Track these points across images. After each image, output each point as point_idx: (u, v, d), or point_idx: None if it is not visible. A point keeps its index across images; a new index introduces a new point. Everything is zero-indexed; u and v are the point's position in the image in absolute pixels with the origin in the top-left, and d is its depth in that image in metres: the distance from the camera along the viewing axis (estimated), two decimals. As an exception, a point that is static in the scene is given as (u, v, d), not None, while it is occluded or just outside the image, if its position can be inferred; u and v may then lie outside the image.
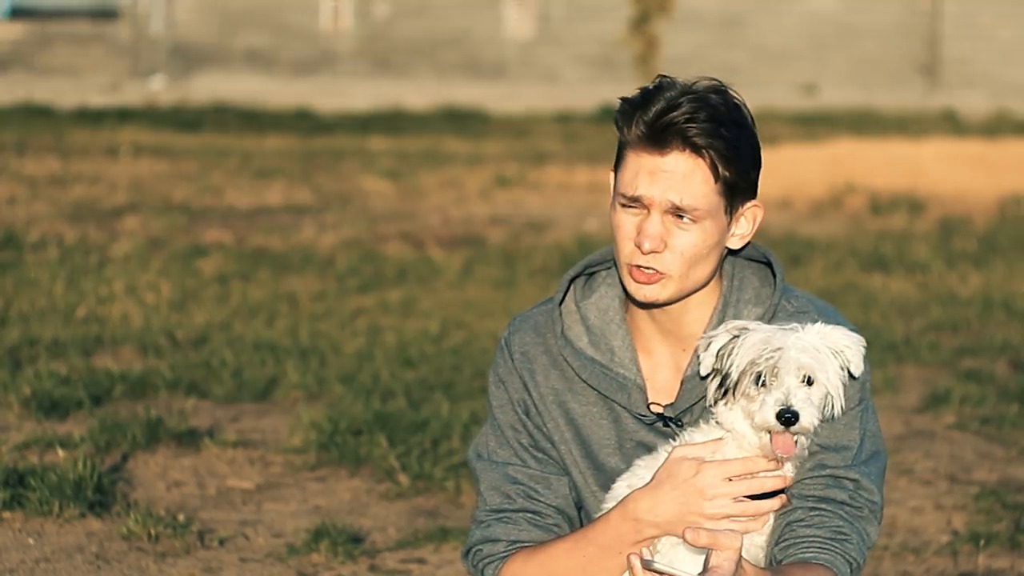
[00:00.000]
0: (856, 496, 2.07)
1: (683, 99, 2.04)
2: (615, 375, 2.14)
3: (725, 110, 2.06)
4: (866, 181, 12.31)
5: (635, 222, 2.08)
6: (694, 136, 2.03)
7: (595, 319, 2.17)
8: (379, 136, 17.49)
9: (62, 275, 7.46)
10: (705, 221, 2.07)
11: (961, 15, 28.30)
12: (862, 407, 2.11)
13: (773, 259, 2.18)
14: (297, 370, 5.43)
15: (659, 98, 2.05)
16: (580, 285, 2.21)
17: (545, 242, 9.38)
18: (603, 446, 2.16)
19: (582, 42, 28.12)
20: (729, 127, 2.05)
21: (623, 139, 2.08)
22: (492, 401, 2.21)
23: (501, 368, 2.20)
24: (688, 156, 2.04)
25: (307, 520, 3.92)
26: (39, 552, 3.66)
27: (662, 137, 2.04)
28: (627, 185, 2.07)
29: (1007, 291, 7.63)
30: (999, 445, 4.84)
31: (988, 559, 3.75)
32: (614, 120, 2.11)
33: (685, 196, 2.05)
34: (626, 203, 2.08)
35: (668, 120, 2.03)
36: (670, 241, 2.07)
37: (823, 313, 2.14)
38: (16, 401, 4.90)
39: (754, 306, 2.15)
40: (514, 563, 2.14)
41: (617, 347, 2.15)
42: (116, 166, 13.27)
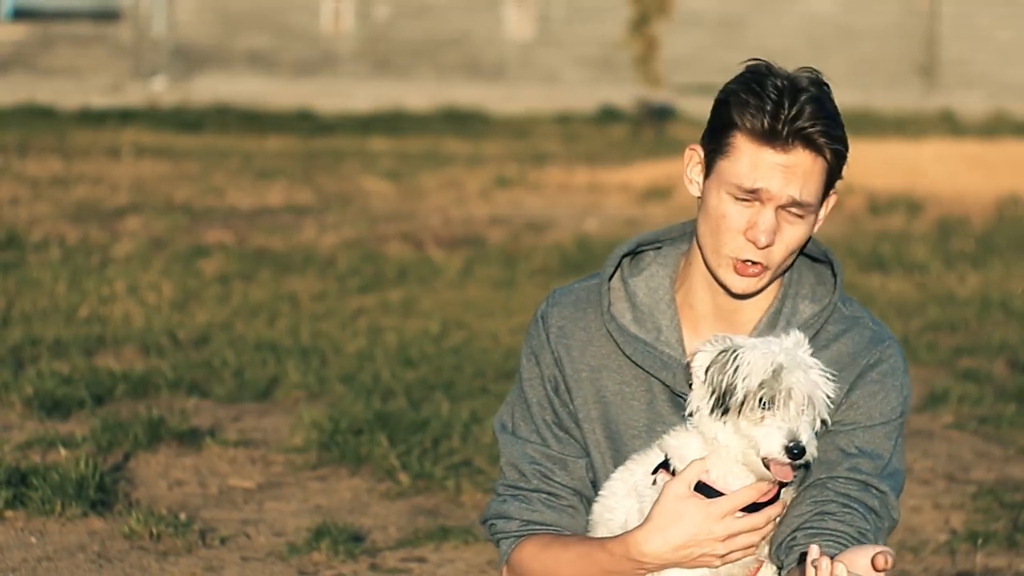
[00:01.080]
0: (883, 507, 2.09)
1: (802, 97, 2.04)
2: (660, 353, 2.14)
3: (833, 107, 2.08)
4: (864, 181, 12.32)
5: (746, 214, 2.07)
6: (819, 138, 2.05)
7: (644, 297, 2.17)
8: (380, 137, 17.51)
9: (64, 275, 7.48)
10: (813, 215, 2.10)
11: (959, 16, 28.31)
12: (899, 421, 2.14)
13: (833, 258, 2.19)
14: (298, 370, 5.45)
15: (772, 89, 2.05)
16: (627, 263, 2.21)
17: (545, 242, 9.40)
18: (630, 427, 2.16)
19: (582, 43, 28.13)
20: (839, 123, 2.09)
21: (739, 126, 2.06)
22: (523, 374, 2.21)
23: (535, 341, 2.19)
24: (810, 154, 2.06)
25: (308, 519, 3.93)
26: (41, 551, 3.67)
27: (787, 135, 2.05)
28: (744, 177, 2.06)
29: (1005, 291, 7.64)
30: (997, 444, 4.86)
31: (986, 558, 3.77)
32: (723, 103, 2.08)
33: (804, 192, 2.06)
34: (740, 195, 2.07)
35: (795, 121, 2.04)
36: (779, 235, 2.07)
37: (875, 321, 2.17)
38: (18, 400, 4.92)
39: (810, 302, 2.16)
40: (525, 548, 2.15)
41: (664, 326, 2.15)
42: (118, 167, 13.29)
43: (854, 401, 2.13)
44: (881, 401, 2.13)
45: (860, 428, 2.12)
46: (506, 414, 2.22)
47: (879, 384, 2.14)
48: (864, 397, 2.14)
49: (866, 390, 2.14)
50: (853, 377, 2.14)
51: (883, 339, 2.17)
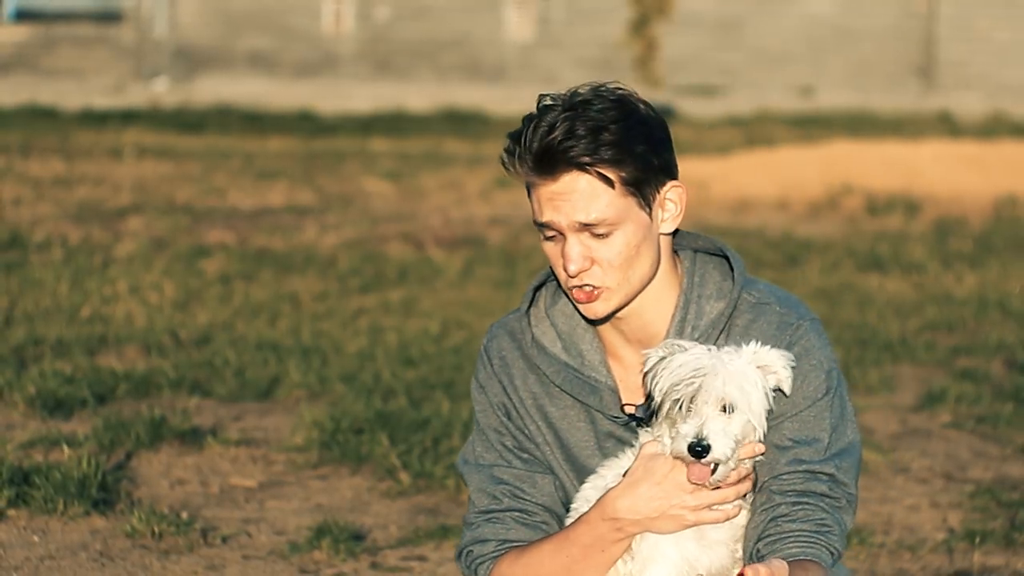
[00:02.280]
0: (834, 488, 2.08)
1: (559, 119, 2.03)
2: (586, 378, 2.15)
3: (605, 114, 2.04)
4: (862, 182, 12.33)
5: (558, 248, 2.09)
6: (576, 155, 2.02)
7: (563, 325, 2.19)
8: (380, 138, 17.52)
9: (66, 275, 7.49)
10: (621, 225, 2.06)
11: (957, 17, 28.31)
12: (829, 398, 2.10)
13: (729, 252, 2.17)
14: (299, 369, 5.46)
15: (539, 126, 2.04)
16: (551, 291, 2.22)
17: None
18: (582, 448, 2.18)
19: (582, 44, 28.14)
20: (611, 129, 2.03)
21: (519, 175, 2.08)
22: (476, 406, 2.23)
23: (481, 374, 2.22)
24: (577, 174, 2.04)
25: (309, 518, 3.94)
26: (44, 549, 3.68)
27: (547, 164, 2.04)
28: (537, 213, 2.09)
29: (1002, 291, 7.64)
30: (994, 444, 4.86)
31: (983, 557, 3.77)
32: (500, 160, 2.10)
33: (590, 212, 2.04)
34: (544, 231, 2.09)
35: (546, 145, 2.03)
36: (595, 255, 2.07)
37: (783, 303, 2.14)
38: (21, 400, 4.92)
39: (716, 300, 2.14)
40: (502, 564, 2.16)
41: (586, 350, 2.17)
42: (120, 167, 13.30)
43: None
44: (801, 385, 2.09)
45: (787, 419, 2.09)
46: (467, 451, 2.24)
47: (796, 370, 2.09)
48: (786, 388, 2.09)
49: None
50: None
51: (790, 322, 2.13)
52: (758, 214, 10.99)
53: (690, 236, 2.18)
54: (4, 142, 15.10)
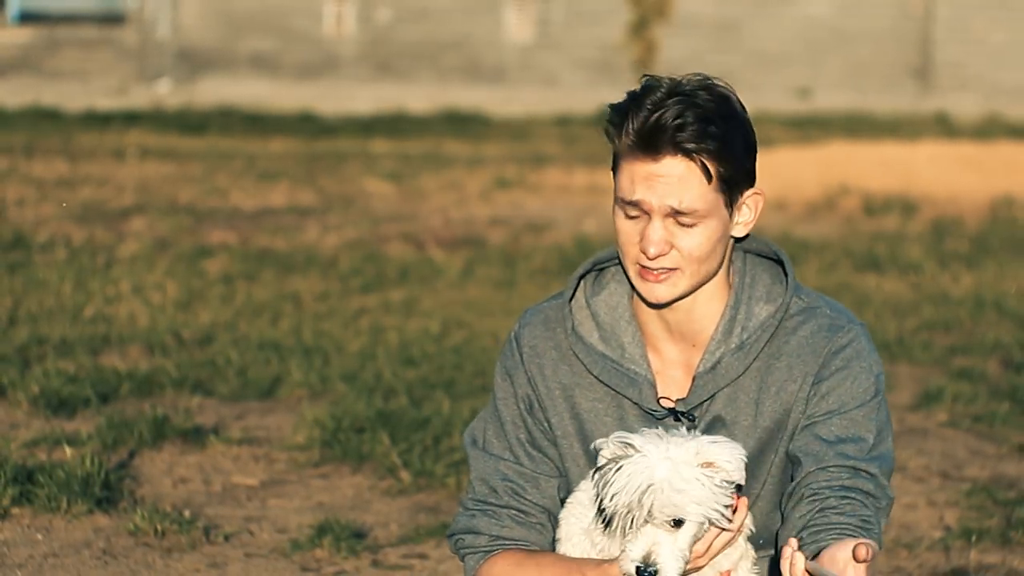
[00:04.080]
0: (877, 489, 2.09)
1: (669, 102, 2.04)
2: (625, 370, 2.14)
3: (713, 106, 2.05)
4: (860, 183, 12.34)
5: (637, 227, 2.08)
6: (684, 141, 2.03)
7: (605, 315, 2.17)
8: (381, 139, 17.54)
9: (70, 275, 7.51)
10: (707, 219, 2.07)
11: (953, 19, 28.32)
12: (876, 401, 2.12)
13: (784, 257, 2.18)
14: (301, 369, 5.48)
15: (645, 103, 2.05)
16: (590, 281, 2.20)
17: (544, 243, 9.44)
18: None
19: (581, 46, 28.14)
20: (718, 123, 2.05)
21: (617, 147, 2.08)
22: (497, 392, 2.21)
23: (509, 361, 2.20)
24: (680, 160, 2.04)
25: (311, 516, 3.95)
26: (47, 548, 3.70)
27: (652, 143, 2.04)
28: (625, 190, 2.07)
29: (998, 291, 7.66)
30: (990, 442, 4.88)
31: (980, 555, 3.79)
32: (604, 130, 2.09)
33: (684, 200, 2.04)
34: (627, 209, 2.08)
35: (657, 127, 2.03)
36: (675, 243, 2.07)
37: (832, 307, 2.16)
38: (25, 399, 4.94)
39: (765, 303, 2.14)
40: (496, 566, 2.15)
41: (627, 343, 2.15)
42: (123, 168, 13.32)
43: (824, 392, 2.13)
44: (851, 386, 2.12)
45: (836, 416, 2.11)
46: (478, 430, 2.23)
47: (846, 370, 2.12)
48: (833, 386, 2.13)
49: (834, 379, 2.13)
50: (817, 367, 2.13)
51: (841, 325, 2.15)
52: (757, 215, 10.98)
53: (744, 237, 2.18)
54: (8, 143, 15.12)
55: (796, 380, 2.13)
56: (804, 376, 2.14)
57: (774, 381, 2.14)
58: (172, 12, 28.22)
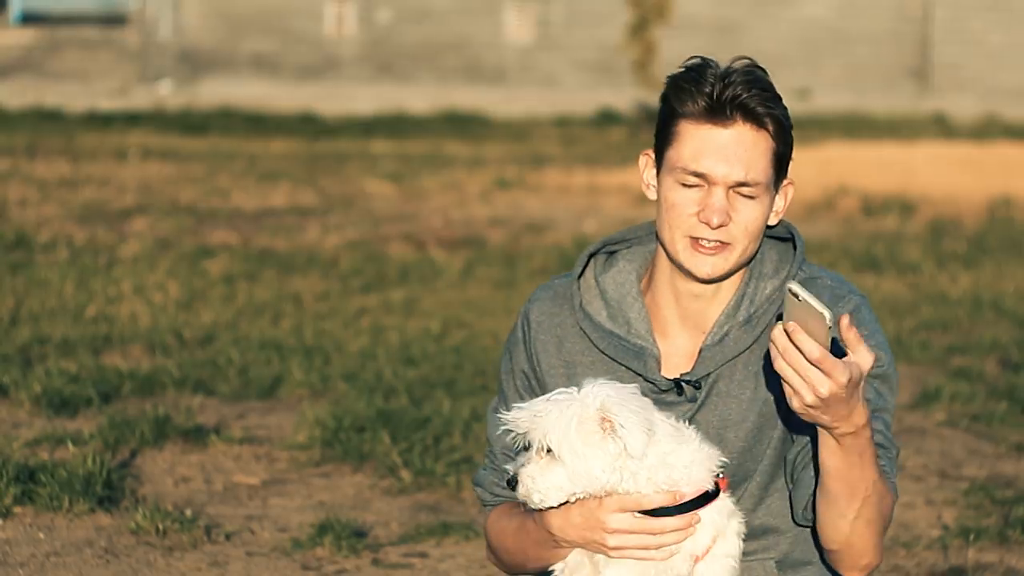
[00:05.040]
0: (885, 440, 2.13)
1: (734, 74, 2.07)
2: (631, 345, 2.17)
3: (769, 84, 2.10)
4: (858, 183, 12.37)
5: (696, 197, 2.08)
6: (757, 106, 2.06)
7: (613, 292, 2.20)
8: (382, 139, 17.57)
9: (72, 275, 7.53)
10: (763, 196, 2.09)
11: (951, 21, 28.35)
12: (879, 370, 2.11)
13: (795, 232, 2.20)
14: (302, 368, 5.50)
15: (709, 72, 2.07)
16: (600, 261, 2.23)
17: (544, 243, 9.47)
18: None
19: (581, 48, 28.17)
20: (778, 102, 2.10)
21: (681, 112, 2.08)
22: (501, 365, 2.29)
23: (513, 337, 2.26)
24: (751, 128, 2.07)
25: (311, 515, 3.97)
26: (49, 546, 3.71)
27: (725, 110, 2.06)
28: (689, 159, 2.07)
29: (996, 291, 7.68)
30: (988, 442, 4.90)
31: (977, 553, 3.81)
32: (664, 97, 2.09)
33: (751, 170, 2.07)
34: (687, 179, 2.08)
35: (730, 92, 2.05)
36: (734, 216, 2.08)
37: (834, 279, 2.17)
38: (27, 398, 4.96)
39: (771, 278, 2.17)
40: (491, 516, 2.25)
41: (633, 318, 2.18)
42: (125, 169, 13.35)
43: None
44: None
45: None
46: (496, 398, 2.32)
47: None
48: None
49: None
50: None
51: (841, 295, 2.16)
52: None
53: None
54: (10, 144, 15.15)
55: None
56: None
57: None
58: (173, 13, 28.25)
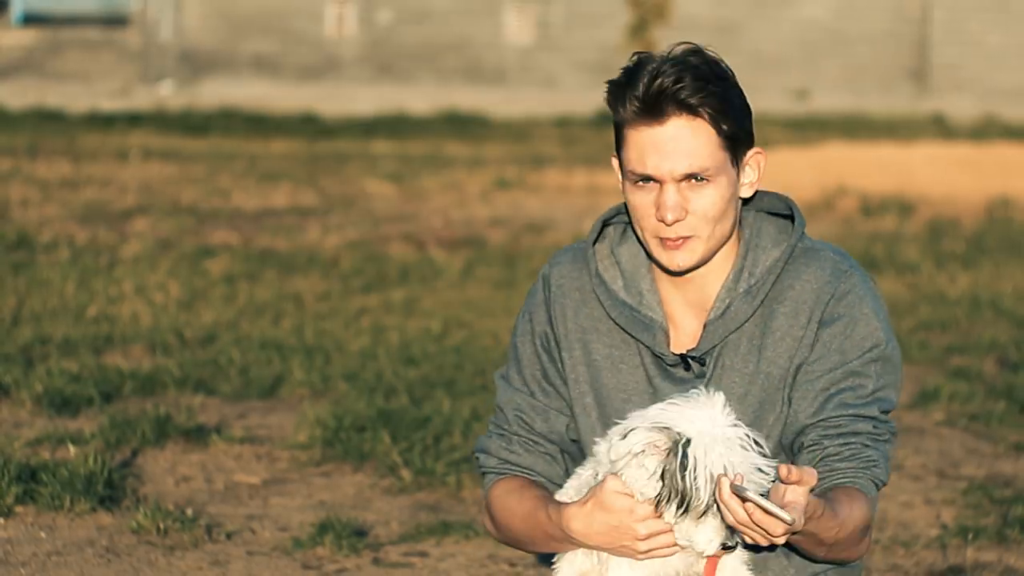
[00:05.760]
0: (877, 426, 2.12)
1: (665, 66, 2.07)
2: (642, 316, 2.17)
3: (707, 68, 2.09)
4: (857, 184, 12.37)
5: (651, 198, 2.10)
6: (687, 97, 2.06)
7: (627, 263, 2.21)
8: (382, 140, 17.58)
9: (73, 275, 7.53)
10: (718, 178, 2.09)
11: (950, 22, 28.37)
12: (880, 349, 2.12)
13: (794, 206, 2.20)
14: (302, 368, 5.50)
15: (643, 71, 2.09)
16: (619, 231, 2.24)
17: (544, 243, 9.48)
18: (620, 391, 2.19)
19: (581, 48, 28.19)
20: (716, 82, 2.08)
21: (619, 119, 2.11)
22: (516, 329, 2.27)
23: (533, 299, 2.24)
24: (686, 119, 2.07)
25: (312, 514, 3.97)
26: (51, 546, 3.71)
27: (657, 106, 2.07)
28: (635, 163, 2.09)
29: (994, 291, 7.69)
30: (987, 441, 4.90)
31: (976, 552, 3.81)
32: (606, 103, 2.12)
33: (694, 160, 2.07)
34: (638, 181, 2.10)
35: (658, 88, 2.06)
36: (690, 206, 2.09)
37: (835, 251, 2.18)
38: (28, 398, 4.96)
39: (771, 249, 2.17)
40: (496, 489, 2.23)
41: (645, 290, 2.19)
42: (126, 169, 13.37)
43: (826, 339, 2.13)
44: (851, 334, 2.13)
45: (837, 368, 2.12)
46: (505, 366, 2.31)
47: (847, 318, 2.13)
48: (835, 333, 2.13)
49: (836, 326, 2.13)
50: (820, 312, 2.14)
51: (844, 269, 2.16)
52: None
53: (756, 197, 2.21)
54: (12, 144, 15.17)
55: (801, 326, 2.15)
56: (808, 321, 2.15)
57: (778, 326, 2.16)
58: (174, 14, 28.28)
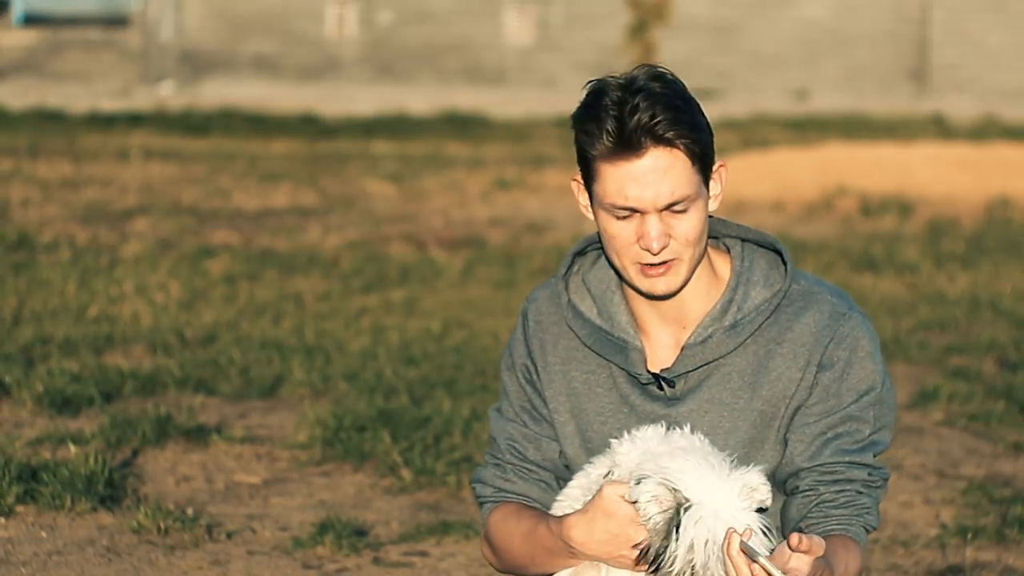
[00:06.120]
0: (872, 473, 2.14)
1: (637, 99, 2.06)
2: (615, 339, 2.19)
3: (675, 96, 2.08)
4: (857, 184, 12.38)
5: (632, 227, 2.10)
6: (664, 131, 2.06)
7: (596, 288, 2.23)
8: (382, 140, 17.60)
9: (74, 275, 7.54)
10: (696, 201, 2.11)
11: (950, 22, 28.38)
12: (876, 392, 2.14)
13: (781, 246, 2.20)
14: (303, 368, 5.51)
15: (609, 106, 2.07)
16: (591, 260, 2.25)
17: (544, 243, 9.49)
18: (598, 413, 2.21)
19: (581, 49, 28.20)
20: (683, 108, 2.08)
21: (590, 153, 2.09)
22: (503, 364, 2.31)
23: (514, 336, 2.28)
24: (664, 150, 2.07)
25: (312, 514, 3.98)
26: (52, 545, 3.72)
27: (635, 142, 2.07)
28: (615, 195, 2.09)
29: (994, 291, 7.69)
30: (986, 441, 4.91)
31: (975, 552, 3.82)
32: (575, 137, 2.10)
33: (676, 189, 2.08)
34: (619, 212, 2.10)
35: (635, 124, 2.05)
36: (673, 232, 2.10)
37: (834, 292, 2.18)
38: (29, 398, 4.97)
39: (762, 288, 2.18)
40: (493, 516, 2.25)
41: (615, 312, 2.20)
42: (126, 169, 13.38)
43: (825, 383, 2.15)
44: (851, 379, 2.15)
45: (835, 412, 2.14)
46: (500, 396, 2.34)
47: (846, 363, 2.15)
48: (833, 378, 2.15)
49: (835, 370, 2.15)
50: (819, 356, 2.15)
51: (843, 312, 2.17)
52: (754, 215, 11.05)
53: (740, 227, 2.23)
54: (13, 145, 15.19)
55: (799, 368, 2.15)
56: (807, 364, 2.16)
57: (775, 366, 2.16)
58: (175, 14, 28.29)
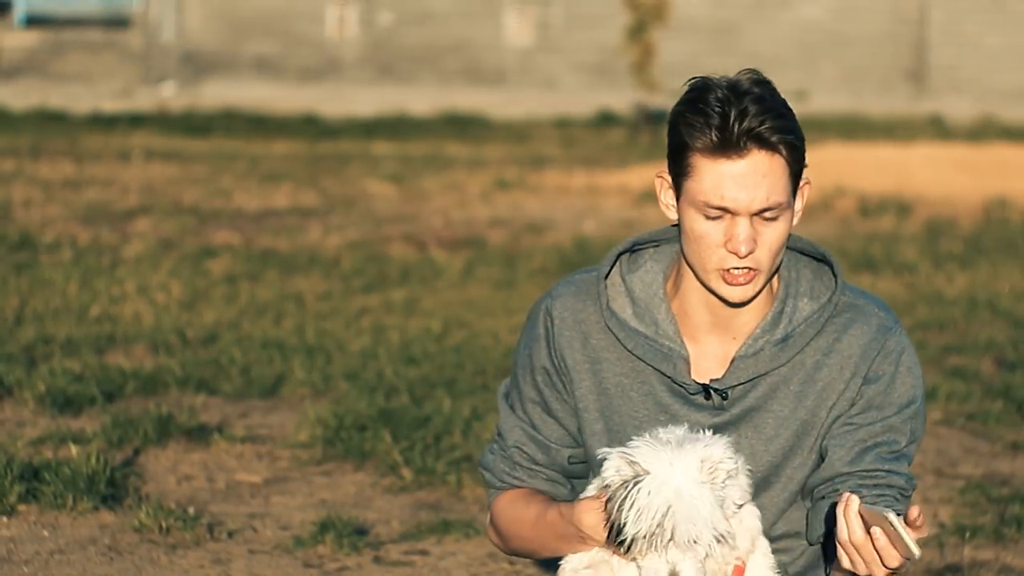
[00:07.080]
0: (907, 483, 2.17)
1: (745, 101, 2.07)
2: (660, 346, 2.17)
3: (777, 101, 2.10)
4: (855, 184, 12.40)
5: (721, 228, 2.09)
6: (768, 136, 2.07)
7: (640, 292, 2.20)
8: (383, 141, 17.62)
9: (76, 275, 7.55)
10: (786, 211, 2.11)
11: (948, 23, 28.39)
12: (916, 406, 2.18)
13: (830, 256, 2.21)
14: (303, 367, 5.52)
15: (717, 104, 2.07)
16: (626, 260, 2.23)
17: (544, 243, 9.50)
18: (632, 418, 2.19)
19: (580, 50, 28.22)
20: (788, 118, 2.10)
21: (690, 147, 2.08)
22: (518, 360, 2.27)
23: (532, 333, 2.23)
24: (766, 155, 2.07)
25: (313, 513, 3.99)
26: (53, 544, 3.72)
27: (738, 142, 2.06)
28: (710, 194, 2.08)
29: (992, 291, 7.70)
30: (984, 440, 4.92)
31: (974, 551, 3.82)
32: (674, 129, 2.10)
33: (772, 195, 2.08)
34: (710, 212, 2.09)
35: (746, 127, 2.06)
36: (759, 239, 2.09)
37: (880, 306, 2.19)
38: (31, 397, 4.98)
39: (808, 300, 2.18)
40: (501, 500, 2.26)
41: (660, 320, 2.18)
42: (128, 170, 13.40)
43: (870, 395, 2.18)
44: (896, 390, 2.18)
45: (878, 422, 2.17)
46: (510, 386, 2.30)
47: (891, 376, 2.18)
48: (879, 391, 2.18)
49: (880, 383, 2.18)
50: (866, 369, 2.18)
51: (889, 327, 2.19)
52: (756, 216, 11.06)
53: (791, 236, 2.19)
54: (15, 145, 15.21)
55: (844, 380, 2.16)
56: (853, 376, 2.18)
57: (821, 377, 2.17)
58: (176, 16, 28.30)
